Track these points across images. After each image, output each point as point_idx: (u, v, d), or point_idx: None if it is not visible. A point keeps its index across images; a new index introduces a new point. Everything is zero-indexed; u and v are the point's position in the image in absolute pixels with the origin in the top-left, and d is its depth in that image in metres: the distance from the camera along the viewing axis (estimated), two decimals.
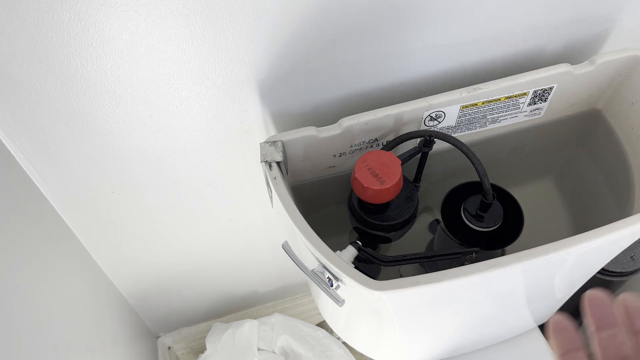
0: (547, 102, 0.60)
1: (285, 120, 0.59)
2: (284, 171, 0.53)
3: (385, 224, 0.54)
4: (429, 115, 0.56)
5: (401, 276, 0.44)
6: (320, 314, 0.83)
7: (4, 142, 0.52)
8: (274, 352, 0.96)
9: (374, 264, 0.53)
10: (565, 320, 0.34)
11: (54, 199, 0.61)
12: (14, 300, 0.54)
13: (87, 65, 0.46)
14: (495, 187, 0.58)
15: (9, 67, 0.44)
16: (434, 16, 0.52)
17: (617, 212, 0.62)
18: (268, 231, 0.81)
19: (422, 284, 0.43)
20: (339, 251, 0.50)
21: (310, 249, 0.46)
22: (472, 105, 0.57)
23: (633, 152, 0.60)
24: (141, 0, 0.42)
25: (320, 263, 0.46)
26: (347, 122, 0.53)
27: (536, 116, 0.62)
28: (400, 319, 0.53)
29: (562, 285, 0.64)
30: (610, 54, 0.57)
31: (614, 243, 0.54)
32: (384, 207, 0.54)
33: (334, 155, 0.57)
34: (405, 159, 0.53)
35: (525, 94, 0.58)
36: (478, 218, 0.56)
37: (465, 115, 0.58)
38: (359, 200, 0.54)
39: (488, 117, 0.60)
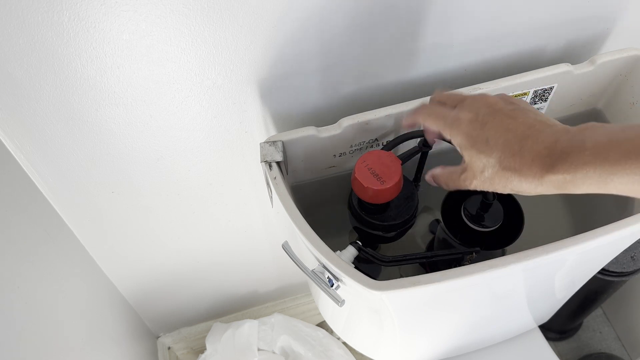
0: (547, 102, 0.60)
1: (285, 120, 0.59)
2: (284, 171, 0.53)
3: (386, 224, 0.54)
4: None
5: (401, 276, 0.44)
6: (320, 314, 0.83)
7: (4, 142, 0.52)
8: (274, 352, 0.96)
9: (374, 264, 0.53)
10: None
11: (54, 199, 0.61)
12: (14, 300, 0.54)
13: (87, 65, 0.46)
14: None
15: (9, 67, 0.44)
16: (434, 16, 0.52)
17: (617, 212, 0.62)
18: (268, 231, 0.81)
19: (422, 284, 0.43)
20: (339, 251, 0.50)
21: (310, 249, 0.46)
22: None
23: None
24: (141, 0, 0.42)
25: (320, 263, 0.46)
26: (347, 122, 0.53)
27: None
28: (400, 319, 0.53)
29: (562, 285, 0.64)
30: (610, 54, 0.57)
31: (614, 243, 0.54)
32: (384, 207, 0.54)
33: (334, 155, 0.57)
34: (405, 159, 0.53)
35: (525, 94, 0.58)
36: (478, 218, 0.56)
37: None
38: (359, 200, 0.54)
39: None
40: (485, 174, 0.41)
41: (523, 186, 0.39)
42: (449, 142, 0.44)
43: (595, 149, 0.36)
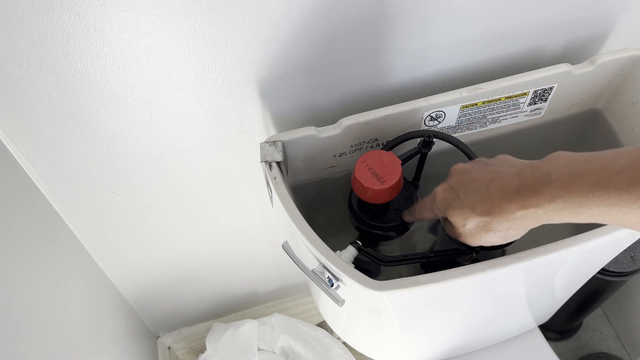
0: (547, 102, 0.60)
1: (285, 120, 0.59)
2: (284, 171, 0.53)
3: (386, 224, 0.54)
4: (429, 115, 0.56)
5: (401, 276, 0.44)
6: (320, 314, 0.83)
7: (4, 142, 0.52)
8: (274, 352, 0.96)
9: (374, 264, 0.53)
10: None
11: (54, 199, 0.61)
12: (14, 300, 0.54)
13: (87, 65, 0.46)
14: None
15: (9, 67, 0.44)
16: (434, 16, 0.52)
17: None
18: (268, 231, 0.81)
19: (422, 284, 0.43)
20: (339, 251, 0.50)
21: (310, 249, 0.46)
22: (472, 105, 0.57)
23: None
24: (141, 0, 0.42)
25: (320, 263, 0.46)
26: (347, 122, 0.53)
27: (536, 116, 0.62)
28: (400, 319, 0.53)
29: (562, 285, 0.64)
30: (610, 54, 0.57)
31: (614, 243, 0.54)
32: (384, 207, 0.54)
33: (334, 155, 0.57)
34: (405, 159, 0.53)
35: (525, 93, 0.58)
36: None
37: (465, 115, 0.58)
38: (359, 200, 0.54)
39: (488, 117, 0.60)
40: (467, 227, 0.43)
41: (502, 227, 0.41)
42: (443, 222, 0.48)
43: (561, 182, 0.37)
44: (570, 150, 0.41)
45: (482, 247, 0.55)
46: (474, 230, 0.42)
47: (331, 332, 1.01)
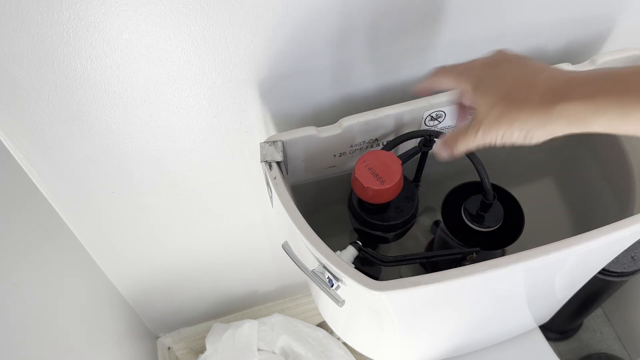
0: None
1: (285, 120, 0.59)
2: (284, 171, 0.53)
3: (386, 224, 0.54)
4: (429, 115, 0.56)
5: (401, 276, 0.44)
6: (320, 314, 0.83)
7: (4, 142, 0.52)
8: (274, 352, 0.96)
9: (374, 265, 0.53)
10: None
11: (53, 199, 0.61)
12: (14, 300, 0.54)
13: (87, 64, 0.46)
14: (495, 187, 0.58)
15: (8, 67, 0.44)
16: (433, 16, 0.52)
17: (617, 212, 0.62)
18: (268, 231, 0.81)
19: (422, 284, 0.43)
20: (339, 251, 0.50)
21: (310, 249, 0.46)
22: None
23: (633, 151, 0.60)
24: (141, 0, 0.42)
25: (320, 263, 0.46)
26: (347, 122, 0.53)
27: None
28: (401, 319, 0.53)
29: (563, 285, 0.64)
30: (611, 54, 0.57)
31: (615, 243, 0.54)
32: (384, 207, 0.54)
33: (334, 155, 0.57)
34: (405, 159, 0.53)
35: None
36: (478, 218, 0.56)
37: None
38: (359, 200, 0.54)
39: None
40: (493, 112, 0.38)
41: (531, 122, 0.37)
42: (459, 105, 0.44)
43: (618, 78, 0.33)
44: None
45: (482, 247, 0.55)
46: (497, 120, 0.38)
47: (331, 332, 1.01)
